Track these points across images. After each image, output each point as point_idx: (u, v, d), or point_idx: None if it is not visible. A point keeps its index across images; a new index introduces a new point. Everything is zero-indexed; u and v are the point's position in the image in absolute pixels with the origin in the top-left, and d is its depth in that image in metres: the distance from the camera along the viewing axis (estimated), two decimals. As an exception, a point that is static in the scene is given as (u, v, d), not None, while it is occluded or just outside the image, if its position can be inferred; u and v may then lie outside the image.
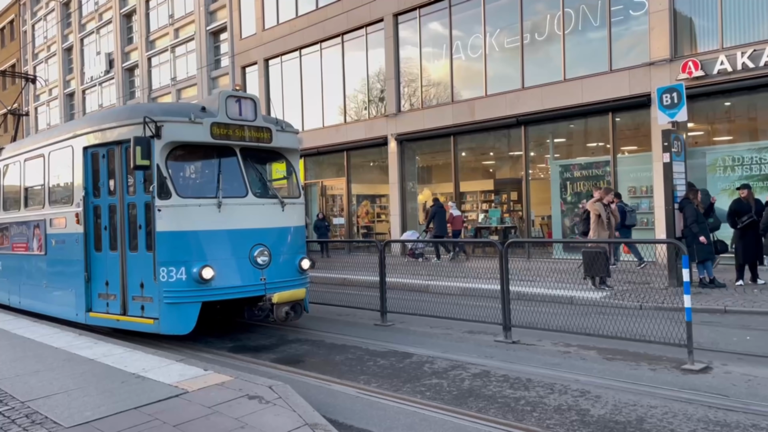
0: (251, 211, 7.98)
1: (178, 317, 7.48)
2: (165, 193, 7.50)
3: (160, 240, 7.52)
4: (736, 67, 13.53)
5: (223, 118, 7.86)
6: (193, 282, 7.41)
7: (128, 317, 7.96)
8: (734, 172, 13.93)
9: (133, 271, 7.91)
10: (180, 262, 7.47)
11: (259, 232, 7.97)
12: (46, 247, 9.53)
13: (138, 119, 7.63)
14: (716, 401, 5.14)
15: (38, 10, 45.49)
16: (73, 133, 8.92)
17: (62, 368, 6.16)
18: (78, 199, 8.58)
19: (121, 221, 8.06)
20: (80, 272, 8.50)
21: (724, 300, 9.68)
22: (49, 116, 44.08)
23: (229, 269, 7.67)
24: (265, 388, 5.19)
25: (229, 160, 8.05)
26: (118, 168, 8.12)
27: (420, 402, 5.35)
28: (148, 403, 4.89)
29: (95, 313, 8.38)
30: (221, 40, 29.64)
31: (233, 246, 7.75)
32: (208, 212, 7.61)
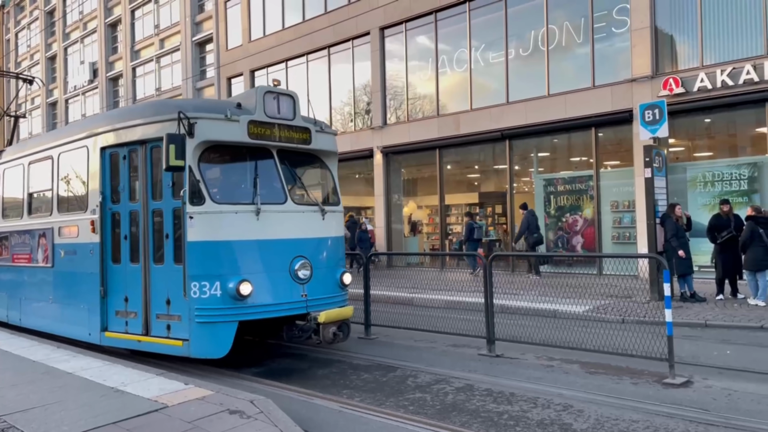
0: (290, 219, 7.22)
1: (212, 338, 6.66)
2: (197, 199, 6.73)
3: (191, 251, 6.71)
4: (715, 84, 13.78)
5: (260, 116, 7.11)
6: (228, 298, 6.60)
7: (152, 338, 7.11)
8: (714, 187, 14.13)
9: (157, 286, 7.12)
10: (214, 276, 6.64)
11: (299, 242, 7.21)
12: (54, 259, 8.71)
13: (168, 115, 6.92)
14: (697, 415, 5.18)
15: (22, 18, 45.16)
16: (89, 131, 8.09)
17: (40, 381, 6.05)
18: (93, 206, 7.79)
19: (144, 230, 7.26)
20: (95, 287, 7.68)
21: (705, 314, 9.78)
22: (30, 125, 43.60)
23: (268, 284, 6.88)
24: (247, 402, 5.14)
25: (266, 162, 7.29)
26: (141, 170, 7.35)
27: (403, 416, 5.33)
28: (127, 417, 4.82)
29: (112, 333, 7.53)
30: (207, 51, 29.61)
31: (272, 258, 6.96)
32: (245, 220, 6.84)
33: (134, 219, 7.44)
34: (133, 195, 7.51)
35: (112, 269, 7.61)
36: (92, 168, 7.90)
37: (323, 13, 22.91)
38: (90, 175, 7.96)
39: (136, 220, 7.39)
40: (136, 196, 7.46)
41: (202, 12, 29.74)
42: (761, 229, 10.60)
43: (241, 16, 26.50)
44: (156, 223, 7.20)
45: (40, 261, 9.11)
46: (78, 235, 8.13)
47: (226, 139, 6.99)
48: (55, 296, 8.74)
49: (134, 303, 7.34)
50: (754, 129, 14.20)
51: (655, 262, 10.18)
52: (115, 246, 7.61)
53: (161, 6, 32.34)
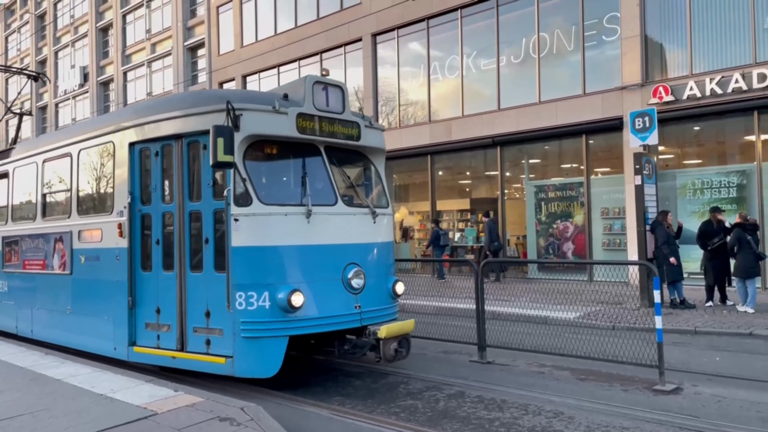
0: (341, 222, 6.63)
1: (260, 355, 6.00)
2: (244, 199, 6.11)
3: (236, 257, 6.08)
4: (704, 92, 13.90)
5: (309, 108, 6.53)
6: (278, 311, 5.97)
7: (188, 354, 6.45)
8: (703, 195, 14.24)
9: (195, 296, 6.47)
10: (262, 285, 6.02)
11: (351, 248, 6.62)
12: (72, 265, 7.99)
13: (211, 106, 6.34)
14: (687, 422, 5.20)
15: (12, 22, 44.92)
16: (116, 125, 7.41)
17: (28, 388, 5.99)
18: (120, 207, 7.13)
19: (179, 234, 6.62)
20: (121, 297, 7.01)
21: (695, 321, 9.84)
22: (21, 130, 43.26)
23: (320, 295, 6.26)
24: (237, 409, 5.11)
25: (314, 160, 6.71)
26: (176, 168, 6.69)
27: (394, 423, 5.32)
28: (116, 425, 4.77)
29: (141, 348, 6.87)
30: (199, 56, 29.57)
31: (323, 266, 6.36)
32: (296, 223, 6.23)
33: (168, 222, 6.80)
34: (166, 195, 6.88)
35: (142, 277, 6.96)
36: (119, 166, 7.25)
37: (316, 18, 22.95)
38: (116, 173, 7.31)
39: (170, 222, 6.76)
40: (170, 197, 6.81)
41: (194, 17, 29.71)
42: (749, 236, 10.70)
43: (233, 21, 26.49)
44: (193, 226, 6.58)
45: (55, 268, 8.39)
46: (102, 240, 7.46)
47: (273, 134, 6.37)
48: (74, 306, 8.03)
49: (167, 315, 6.67)
50: (742, 137, 14.34)
51: (645, 269, 10.24)
52: (146, 251, 6.98)
53: (153, 10, 32.29)
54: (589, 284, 13.88)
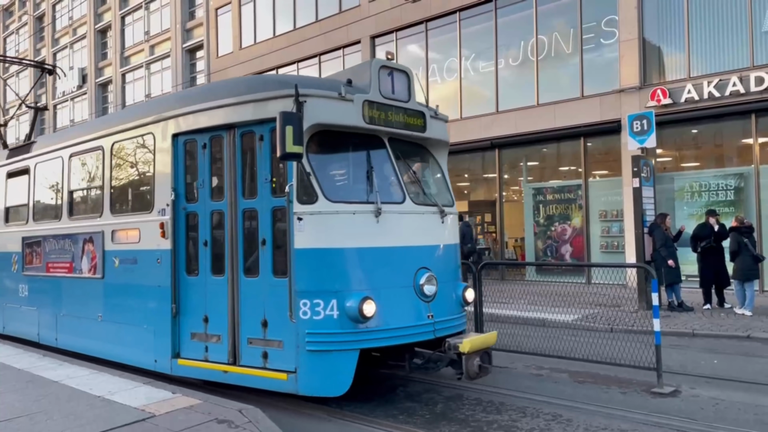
0: (411, 222, 6.06)
1: (329, 371, 5.42)
2: (308, 195, 5.54)
3: (300, 260, 5.49)
4: (702, 95, 13.94)
5: (375, 95, 5.97)
6: (347, 321, 5.39)
7: (242, 368, 5.86)
8: (701, 197, 14.27)
9: (250, 304, 5.90)
10: (330, 292, 5.44)
11: (422, 250, 6.06)
12: (104, 269, 7.37)
13: (272, 92, 5.79)
14: (685, 425, 5.20)
15: (10, 23, 44.91)
16: (156, 116, 6.79)
17: (25, 390, 5.97)
18: (162, 205, 6.54)
19: (231, 234, 6.03)
20: (163, 303, 6.44)
21: (692, 323, 9.85)
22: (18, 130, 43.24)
23: (391, 303, 5.64)
24: (235, 411, 5.10)
25: (379, 153, 6.14)
26: (228, 161, 6.10)
27: (393, 426, 5.31)
28: (113, 427, 4.76)
29: (186, 360, 6.28)
30: (197, 58, 29.58)
31: (394, 270, 5.78)
32: (364, 223, 5.67)
33: (217, 221, 6.21)
34: (215, 192, 6.27)
35: (187, 282, 6.36)
36: (160, 159, 6.66)
37: (314, 21, 22.97)
38: (157, 168, 6.71)
39: (221, 222, 6.17)
40: (220, 193, 6.21)
41: (192, 19, 29.72)
42: (746, 238, 10.73)
43: (232, 23, 26.51)
44: (248, 225, 6.00)
45: (84, 271, 7.75)
46: (140, 240, 6.86)
47: (338, 123, 5.80)
48: (107, 314, 7.39)
49: (217, 324, 6.08)
50: (740, 140, 14.38)
51: (643, 272, 10.25)
52: (191, 254, 6.40)
53: (152, 12, 32.30)
54: (587, 287, 13.87)
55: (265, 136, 5.83)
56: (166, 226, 6.46)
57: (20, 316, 9.20)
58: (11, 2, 44.96)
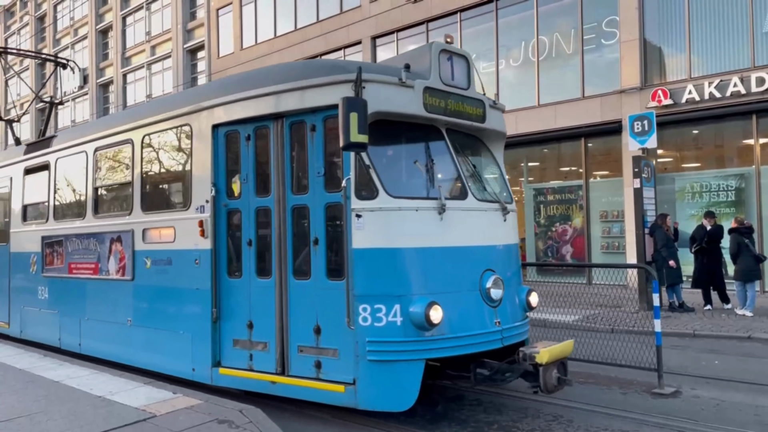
0: (474, 220, 5.61)
1: (393, 383, 4.97)
2: (367, 190, 5.12)
3: (359, 261, 5.07)
4: (703, 96, 13.93)
5: (435, 81, 5.55)
6: (412, 328, 4.95)
7: (292, 379, 5.43)
8: (702, 198, 14.26)
9: (300, 308, 5.46)
10: (393, 296, 5.01)
11: (486, 251, 5.63)
12: (134, 270, 6.94)
13: (328, 77, 5.34)
14: (686, 425, 5.20)
15: (12, 24, 44.96)
16: (193, 106, 6.32)
17: (25, 390, 5.97)
18: (200, 202, 6.10)
19: (279, 233, 5.59)
20: (202, 308, 6.01)
21: (693, 324, 9.84)
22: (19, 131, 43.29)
23: (457, 308, 5.21)
24: (236, 412, 5.10)
25: (437, 145, 5.71)
26: (275, 154, 5.65)
27: (394, 426, 5.30)
28: (114, 427, 4.76)
29: (228, 369, 5.82)
30: (198, 58, 29.60)
31: (459, 272, 5.35)
32: (427, 220, 5.24)
33: (263, 218, 5.75)
34: (261, 187, 5.79)
35: (229, 285, 5.93)
36: (198, 152, 6.22)
37: (315, 21, 22.99)
38: (194, 161, 6.26)
39: (267, 219, 5.71)
40: (266, 189, 5.75)
41: (193, 19, 29.75)
42: (746, 239, 10.72)
43: (233, 23, 26.53)
44: (298, 223, 5.57)
45: (112, 272, 7.30)
46: (175, 240, 6.42)
47: (397, 111, 5.35)
48: (137, 318, 6.94)
49: (263, 330, 5.65)
50: (741, 140, 14.37)
51: (644, 272, 10.24)
52: (234, 254, 5.97)
53: (153, 13, 32.33)
54: (588, 287, 13.86)
55: (317, 126, 5.41)
56: (206, 224, 6.01)
57: (40, 319, 8.74)
58: (12, 2, 45.01)
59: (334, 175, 5.35)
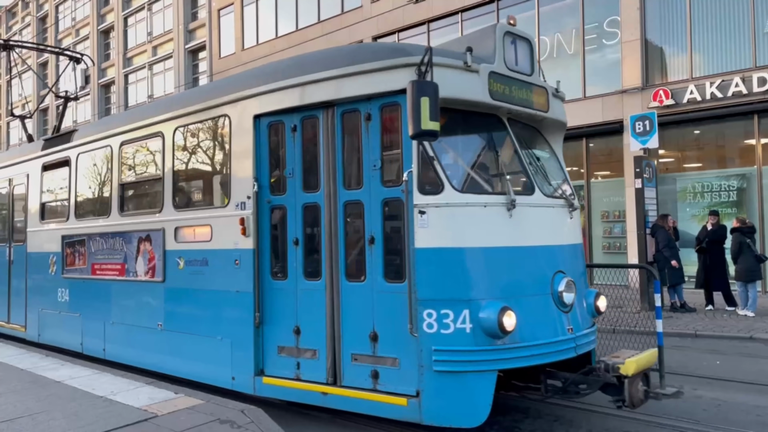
0: (542, 217, 5.21)
1: (462, 396, 4.56)
2: (432, 184, 4.74)
3: (423, 262, 4.66)
4: (705, 96, 13.92)
5: (500, 66, 5.13)
6: (483, 336, 4.55)
7: (345, 389, 5.03)
8: (703, 198, 14.25)
9: (354, 313, 5.05)
10: (461, 301, 4.60)
11: (556, 251, 5.23)
12: (165, 271, 6.55)
13: (389, 61, 4.90)
14: (688, 426, 5.20)
15: (14, 24, 45.03)
16: (232, 95, 5.91)
17: (27, 390, 5.97)
18: (241, 198, 5.68)
19: (330, 231, 5.19)
20: (243, 312, 5.60)
21: (695, 324, 9.84)
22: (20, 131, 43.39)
23: (529, 314, 4.78)
24: (237, 412, 5.10)
25: (499, 135, 5.34)
26: (325, 146, 5.25)
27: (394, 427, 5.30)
28: (116, 427, 4.76)
29: (274, 379, 5.41)
30: (200, 59, 29.63)
31: (530, 274, 4.97)
32: (495, 217, 4.83)
33: (311, 216, 5.36)
34: (308, 182, 5.39)
35: (273, 287, 5.52)
36: (238, 145, 5.82)
37: (316, 22, 23.01)
38: (233, 155, 5.85)
39: (315, 216, 5.32)
40: (315, 184, 5.34)
41: (195, 20, 29.78)
42: (748, 239, 10.71)
43: (235, 24, 26.55)
44: (351, 221, 5.19)
45: (140, 273, 6.91)
46: (211, 239, 6.02)
47: (462, 97, 4.92)
48: (169, 322, 6.53)
49: (312, 336, 5.25)
50: (742, 141, 14.36)
51: (645, 272, 10.23)
52: (278, 254, 5.56)
53: (154, 13, 32.38)
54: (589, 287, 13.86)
55: (373, 115, 5.00)
56: (247, 221, 5.58)
57: (60, 323, 8.34)
58: (14, 3, 45.09)
59: (393, 169, 4.97)
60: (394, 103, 4.84)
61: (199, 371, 6.13)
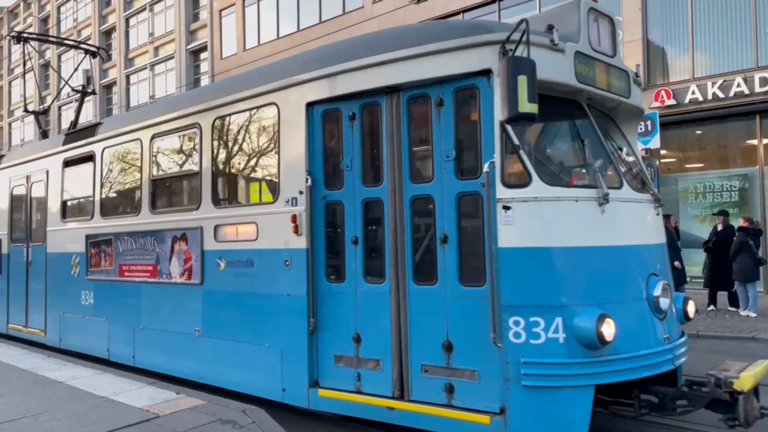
0: (632, 213, 4.77)
1: (556, 415, 4.12)
2: (518, 177, 4.34)
3: (508, 264, 4.23)
4: (707, 96, 13.91)
5: (585, 46, 4.71)
6: (577, 346, 4.11)
7: (415, 404, 4.57)
8: (705, 198, 14.23)
9: (423, 319, 4.61)
10: (553, 307, 4.16)
11: (647, 251, 4.81)
12: (203, 273, 6.10)
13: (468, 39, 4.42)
14: (689, 426, 5.17)
15: (15, 25, 45.12)
16: (281, 82, 5.45)
17: (29, 391, 5.98)
18: (292, 193, 5.24)
19: (395, 229, 4.76)
20: (295, 317, 5.17)
21: (697, 325, 9.82)
22: (22, 132, 43.45)
23: (626, 321, 4.32)
24: (239, 412, 5.11)
25: (582, 123, 4.91)
26: (390, 134, 4.82)
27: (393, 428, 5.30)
28: (118, 428, 4.77)
29: (330, 391, 4.99)
30: (201, 59, 29.66)
31: (624, 277, 4.54)
32: (587, 214, 4.40)
33: (373, 212, 4.95)
34: (370, 175, 4.98)
35: (329, 290, 5.08)
36: (287, 136, 5.36)
37: (318, 22, 23.03)
38: (283, 147, 5.40)
39: (378, 213, 4.90)
40: (375, 177, 4.94)
41: (196, 20, 29.81)
42: (751, 240, 10.69)
43: (236, 24, 26.58)
44: (419, 217, 4.76)
45: (175, 275, 6.48)
46: (257, 237, 5.57)
47: (548, 79, 4.41)
48: (207, 328, 6.08)
49: (374, 345, 4.81)
50: (744, 141, 14.34)
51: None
52: (335, 254, 5.13)
53: (156, 14, 32.42)
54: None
55: (446, 100, 4.57)
56: (300, 219, 5.15)
57: (83, 327, 7.92)
58: (16, 4, 45.19)
59: (470, 159, 4.52)
60: (471, 86, 4.42)
61: (242, 381, 5.69)
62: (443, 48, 4.51)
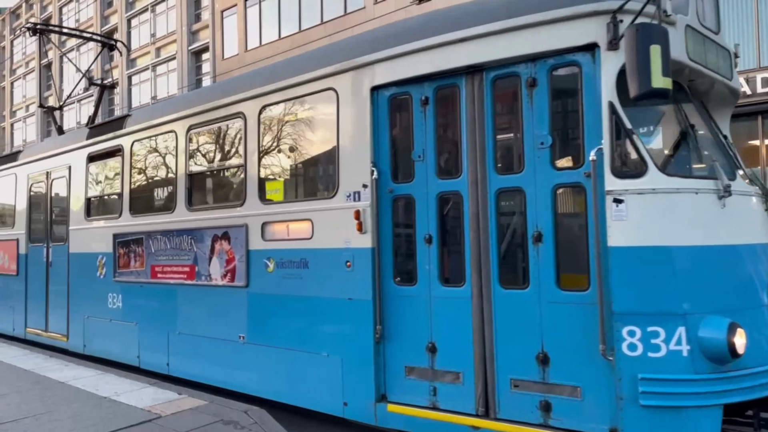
0: (747, 208, 4.28)
1: None
2: (631, 166, 3.88)
3: (621, 265, 3.75)
4: (708, 97, 13.89)
5: (693, 20, 4.26)
6: (703, 360, 3.66)
7: (504, 424, 4.14)
8: (708, 199, 14.21)
9: (512, 328, 4.18)
10: (674, 315, 3.70)
11: (765, 250, 4.30)
12: (249, 274, 5.64)
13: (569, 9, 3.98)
14: (692, 427, 5.15)
15: (17, 27, 45.20)
16: (342, 64, 4.99)
17: (31, 391, 5.99)
18: (354, 186, 4.82)
19: (476, 226, 4.32)
20: (358, 323, 4.74)
21: None
22: (25, 132, 43.51)
23: (756, 330, 3.88)
24: (241, 412, 5.11)
25: (687, 106, 4.44)
26: (470, 120, 4.37)
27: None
28: (120, 428, 4.78)
29: (400, 407, 4.55)
30: (203, 60, 29.68)
31: (750, 280, 4.05)
32: (707, 208, 3.93)
33: (450, 207, 4.54)
34: (445, 166, 4.56)
35: (398, 294, 4.64)
36: (348, 124, 4.91)
37: (319, 23, 23.04)
38: (342, 136, 4.94)
39: (456, 208, 4.48)
40: (453, 168, 4.50)
41: (198, 21, 29.84)
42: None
43: (238, 25, 26.60)
44: (506, 213, 4.34)
45: (215, 277, 6.02)
46: (313, 236, 5.11)
47: None
48: (254, 335, 5.63)
49: (453, 355, 4.39)
50: (746, 141, 14.31)
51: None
52: (404, 254, 4.72)
53: (158, 15, 32.46)
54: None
55: (540, 79, 4.12)
56: (364, 215, 4.69)
57: (111, 332, 7.47)
58: (18, 5, 45.28)
59: (569, 146, 4.13)
60: (570, 63, 3.99)
61: (296, 394, 5.26)
62: (538, 20, 4.04)
